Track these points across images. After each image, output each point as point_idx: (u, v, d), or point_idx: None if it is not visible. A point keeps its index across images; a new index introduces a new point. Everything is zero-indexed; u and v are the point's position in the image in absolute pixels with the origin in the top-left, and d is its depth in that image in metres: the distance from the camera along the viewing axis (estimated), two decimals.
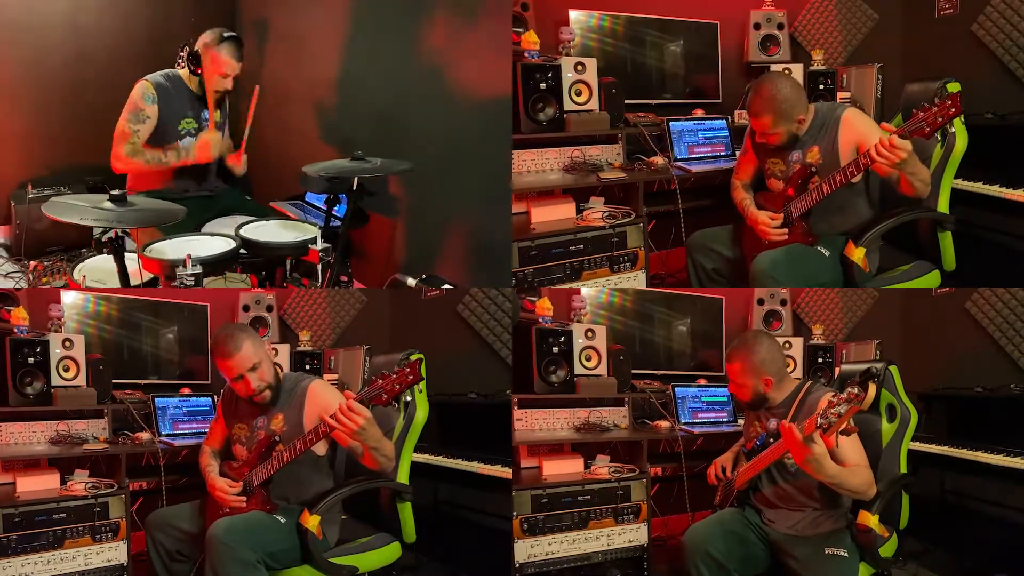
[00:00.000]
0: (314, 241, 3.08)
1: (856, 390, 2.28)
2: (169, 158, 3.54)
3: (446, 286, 3.57)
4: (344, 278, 3.49)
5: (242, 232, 3.15)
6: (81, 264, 3.16)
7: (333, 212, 3.14)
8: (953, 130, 2.92)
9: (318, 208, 3.96)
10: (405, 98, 3.79)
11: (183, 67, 3.58)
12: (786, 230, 3.00)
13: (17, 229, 4.19)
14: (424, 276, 3.50)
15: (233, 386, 2.83)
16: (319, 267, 3.07)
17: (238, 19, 4.93)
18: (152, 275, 2.92)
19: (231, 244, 3.04)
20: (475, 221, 3.58)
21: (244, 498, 2.75)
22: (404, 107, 3.78)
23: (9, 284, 3.87)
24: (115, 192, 2.72)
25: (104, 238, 2.79)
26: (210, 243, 3.07)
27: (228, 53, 3.51)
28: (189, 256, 2.79)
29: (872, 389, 2.27)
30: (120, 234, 2.77)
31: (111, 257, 2.85)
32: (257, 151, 3.74)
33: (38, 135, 4.51)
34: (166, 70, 3.60)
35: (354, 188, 3.05)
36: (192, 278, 2.78)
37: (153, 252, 2.94)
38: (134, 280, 2.93)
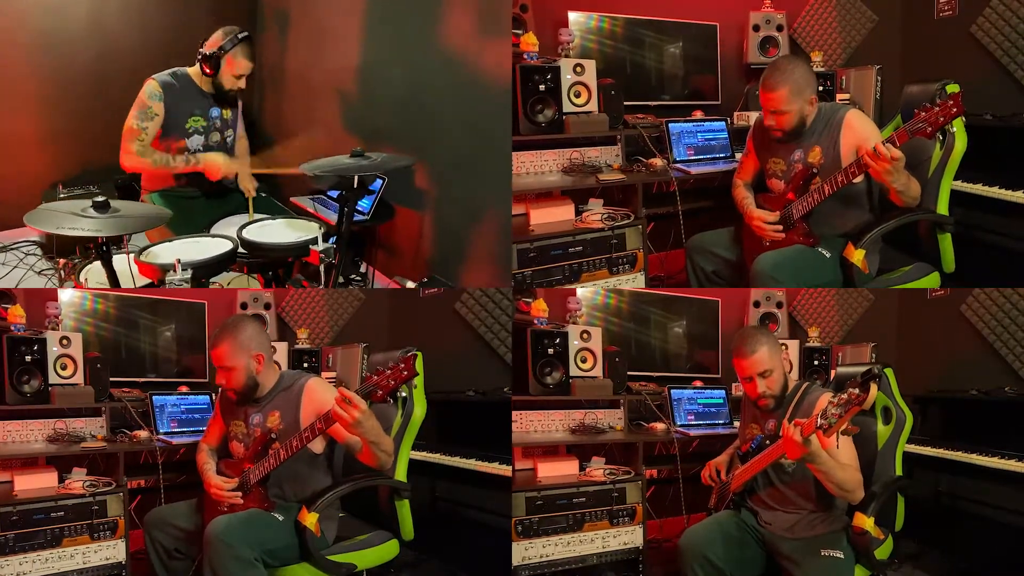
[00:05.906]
0: (315, 241, 3.05)
1: (857, 390, 2.27)
2: (177, 163, 3.57)
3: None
4: (356, 276, 3.48)
5: (244, 233, 3.14)
6: (88, 266, 3.13)
7: (356, 208, 3.09)
8: (954, 130, 2.91)
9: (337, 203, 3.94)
10: (426, 86, 3.74)
11: (201, 67, 3.57)
12: (782, 229, 3.00)
13: None
14: (425, 279, 3.48)
15: (218, 379, 2.84)
16: (321, 268, 3.04)
17: (259, 11, 4.93)
18: (148, 280, 2.90)
19: (227, 247, 3.01)
20: (504, 214, 3.46)
21: (240, 494, 2.75)
22: (425, 95, 3.74)
23: (42, 281, 3.89)
24: (98, 199, 2.70)
25: (90, 244, 2.78)
26: (206, 245, 3.04)
27: (244, 54, 3.55)
28: (179, 261, 2.78)
29: (874, 389, 2.27)
30: (105, 240, 2.72)
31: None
32: (282, 144, 3.72)
33: (68, 136, 4.57)
34: (174, 68, 3.62)
35: (355, 186, 3.02)
36: (183, 283, 2.77)
37: (148, 256, 2.92)
38: (128, 284, 2.92)
